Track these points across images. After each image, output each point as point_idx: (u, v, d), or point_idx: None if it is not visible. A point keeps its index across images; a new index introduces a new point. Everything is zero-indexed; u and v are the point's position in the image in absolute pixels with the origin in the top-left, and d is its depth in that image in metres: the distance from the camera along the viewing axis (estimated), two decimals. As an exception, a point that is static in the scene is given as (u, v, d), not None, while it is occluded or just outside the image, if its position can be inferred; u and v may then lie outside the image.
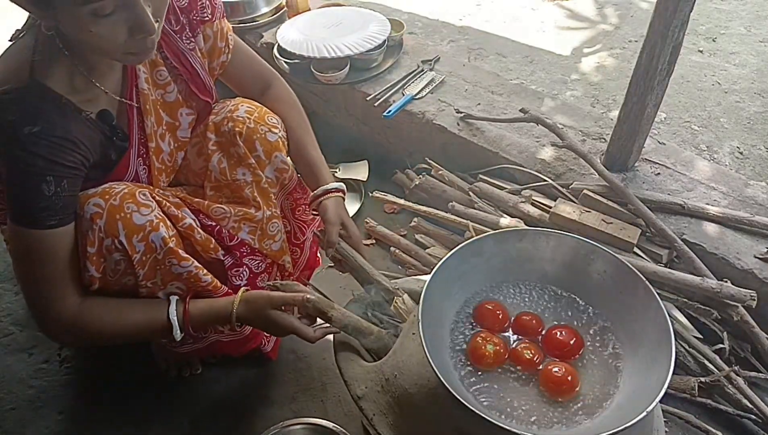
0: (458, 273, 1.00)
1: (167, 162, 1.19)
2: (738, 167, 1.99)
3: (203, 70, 1.18)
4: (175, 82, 1.16)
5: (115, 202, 0.99)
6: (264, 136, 1.20)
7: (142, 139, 1.12)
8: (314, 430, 1.27)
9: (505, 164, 1.65)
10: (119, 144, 1.07)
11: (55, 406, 1.43)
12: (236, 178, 1.20)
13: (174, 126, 1.19)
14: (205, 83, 1.20)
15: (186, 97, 1.19)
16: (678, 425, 1.26)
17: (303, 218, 1.37)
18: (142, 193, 1.03)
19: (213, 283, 1.13)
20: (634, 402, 0.82)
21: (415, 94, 1.85)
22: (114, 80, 1.06)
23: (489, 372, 0.93)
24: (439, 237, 1.69)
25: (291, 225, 1.35)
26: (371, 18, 2.01)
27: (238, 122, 1.19)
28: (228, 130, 1.19)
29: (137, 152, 1.11)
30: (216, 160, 1.21)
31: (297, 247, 1.39)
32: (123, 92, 1.08)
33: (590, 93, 2.37)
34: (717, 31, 2.70)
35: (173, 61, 1.13)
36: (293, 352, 1.51)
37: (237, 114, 1.20)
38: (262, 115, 1.23)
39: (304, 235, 1.39)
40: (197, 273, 1.09)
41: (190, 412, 1.39)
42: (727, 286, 1.29)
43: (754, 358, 1.33)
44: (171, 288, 1.11)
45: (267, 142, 1.21)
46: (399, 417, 0.95)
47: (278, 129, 1.24)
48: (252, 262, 1.25)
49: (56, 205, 0.93)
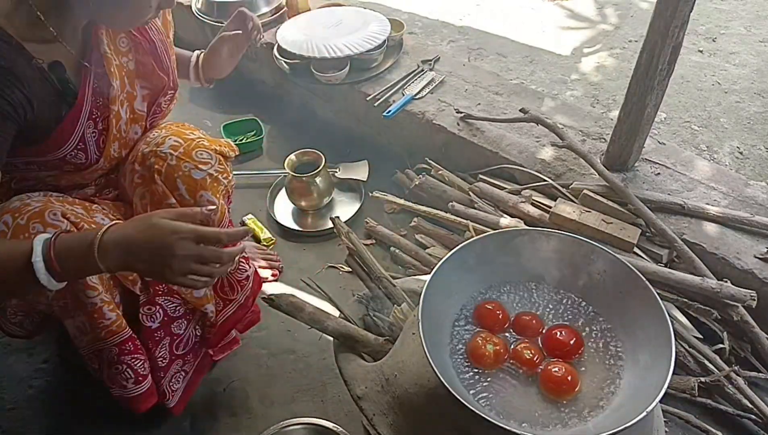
0: (458, 273, 1.00)
1: (123, 131, 1.16)
2: (738, 167, 1.99)
3: (161, 44, 1.18)
4: (134, 53, 1.16)
5: (22, 221, 0.97)
6: (188, 173, 1.13)
7: (98, 103, 1.09)
8: (314, 430, 1.28)
9: (505, 164, 1.65)
10: (70, 100, 1.04)
11: (55, 406, 1.43)
12: None
13: (132, 96, 1.17)
14: (161, 59, 1.18)
15: (143, 70, 1.18)
16: (678, 425, 1.26)
17: (236, 276, 1.29)
18: (52, 213, 0.99)
19: (117, 322, 1.08)
20: (634, 402, 0.82)
21: (415, 94, 1.85)
22: (76, 39, 1.05)
23: (489, 372, 0.92)
24: (439, 237, 1.69)
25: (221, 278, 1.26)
26: (371, 18, 2.01)
27: (159, 159, 1.14)
28: (150, 166, 1.14)
29: (88, 114, 1.07)
30: (138, 196, 1.17)
31: (222, 300, 1.30)
32: (83, 53, 1.07)
33: (590, 93, 2.37)
34: (717, 31, 2.70)
35: (133, 30, 1.13)
36: (293, 352, 1.51)
37: (161, 149, 1.15)
38: (188, 150, 1.15)
39: (234, 295, 1.30)
40: (102, 307, 1.05)
41: (190, 412, 1.39)
42: (727, 286, 1.29)
43: (754, 358, 1.33)
44: (77, 320, 1.07)
45: (191, 179, 1.14)
46: (399, 417, 0.95)
47: (208, 165, 1.16)
48: (168, 303, 1.20)
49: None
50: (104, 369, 1.17)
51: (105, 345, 1.11)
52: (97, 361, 1.16)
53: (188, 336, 1.28)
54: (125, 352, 1.14)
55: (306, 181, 1.80)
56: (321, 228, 1.84)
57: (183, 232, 0.87)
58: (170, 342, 1.24)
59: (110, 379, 1.17)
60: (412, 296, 1.16)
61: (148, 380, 1.20)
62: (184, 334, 1.27)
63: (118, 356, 1.13)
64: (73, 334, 1.11)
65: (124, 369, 1.15)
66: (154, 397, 1.23)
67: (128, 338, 1.13)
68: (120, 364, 1.14)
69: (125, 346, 1.13)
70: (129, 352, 1.14)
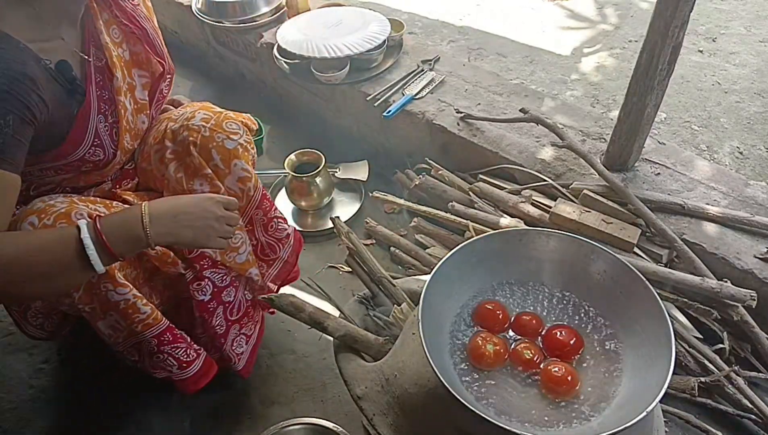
0: (458, 273, 1.00)
1: (131, 122, 1.17)
2: (738, 167, 1.99)
3: (153, 30, 1.18)
4: (126, 42, 1.16)
5: (48, 221, 0.97)
6: (221, 143, 1.17)
7: (104, 96, 1.10)
8: (314, 430, 1.28)
9: (505, 164, 1.65)
10: (79, 98, 1.05)
11: (55, 406, 1.43)
12: (193, 188, 1.17)
13: (132, 86, 1.17)
14: (154, 43, 1.19)
15: (139, 58, 1.19)
16: (678, 425, 1.26)
17: (276, 236, 1.33)
18: (78, 214, 0.99)
19: (153, 315, 1.09)
20: (634, 402, 0.82)
21: (415, 94, 1.85)
22: (74, 35, 1.05)
23: (489, 372, 0.92)
24: (439, 237, 1.69)
25: (259, 240, 1.30)
26: (371, 18, 2.01)
27: (193, 131, 1.17)
28: (183, 140, 1.17)
29: (97, 108, 1.08)
30: (173, 169, 1.19)
31: (265, 262, 1.34)
32: (82, 48, 1.07)
33: (590, 93, 2.37)
34: (717, 31, 2.70)
35: (122, 18, 1.13)
36: (293, 352, 1.51)
37: (192, 122, 1.18)
38: (219, 122, 1.19)
39: (276, 254, 1.34)
40: (135, 302, 1.05)
41: (190, 412, 1.39)
42: (727, 286, 1.29)
43: (754, 358, 1.33)
44: (110, 319, 1.07)
45: (225, 149, 1.18)
46: (399, 417, 0.95)
47: (237, 135, 1.20)
48: (214, 275, 1.21)
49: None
50: (145, 359, 1.17)
51: (143, 338, 1.11)
52: (136, 354, 1.17)
53: (239, 301, 1.30)
54: (164, 343, 1.14)
55: (306, 181, 1.80)
56: (321, 228, 1.84)
57: (216, 198, 1.04)
58: (223, 310, 1.26)
59: (152, 367, 1.18)
60: (412, 296, 1.16)
61: (196, 364, 1.21)
62: (234, 300, 1.28)
63: (157, 347, 1.14)
64: (107, 333, 1.10)
65: (166, 358, 1.16)
66: (205, 378, 1.24)
67: (166, 329, 1.13)
68: (161, 354, 1.15)
69: (163, 337, 1.14)
70: (168, 343, 1.15)
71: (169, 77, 1.25)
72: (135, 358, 1.18)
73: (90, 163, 1.12)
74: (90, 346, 1.52)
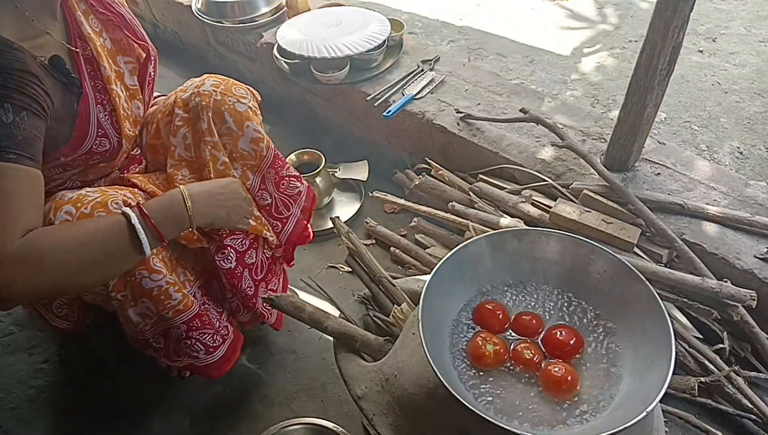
0: (458, 273, 1.00)
1: (126, 108, 1.18)
2: (738, 167, 1.99)
3: (129, 14, 1.20)
4: (105, 30, 1.17)
5: (86, 210, 0.98)
6: (233, 106, 1.21)
7: (97, 86, 1.11)
8: (314, 430, 1.28)
9: (505, 164, 1.65)
10: (76, 90, 1.06)
11: (55, 406, 1.43)
12: (200, 154, 1.21)
13: (120, 73, 1.19)
14: (134, 29, 1.20)
15: (120, 45, 1.20)
16: (678, 425, 1.26)
17: (288, 193, 1.36)
18: (114, 202, 1.01)
19: (184, 301, 1.12)
20: (634, 402, 0.82)
21: (415, 94, 1.85)
22: (58, 28, 1.06)
23: (489, 372, 0.92)
24: (439, 237, 1.69)
25: (273, 198, 1.34)
26: (371, 18, 2.01)
27: (205, 96, 1.20)
28: (195, 105, 1.20)
29: (95, 99, 1.10)
30: (181, 136, 1.22)
31: (278, 221, 1.36)
32: (68, 40, 1.08)
33: (590, 93, 2.37)
34: (717, 31, 2.70)
35: (98, 7, 1.14)
36: (293, 352, 1.51)
37: (203, 88, 1.21)
38: (228, 87, 1.24)
39: (289, 211, 1.38)
40: (168, 289, 1.08)
41: (190, 412, 1.40)
42: (727, 286, 1.29)
43: (754, 358, 1.33)
44: (141, 307, 1.09)
45: (237, 112, 1.22)
46: (399, 417, 0.95)
47: (247, 99, 1.25)
48: (234, 241, 1.25)
49: (15, 136, 0.87)
50: (170, 345, 1.20)
51: (172, 324, 1.13)
52: (162, 341, 1.19)
53: (261, 260, 1.34)
54: (193, 329, 1.17)
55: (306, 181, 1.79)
56: (321, 228, 1.84)
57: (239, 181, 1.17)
58: (249, 272, 1.30)
59: (177, 353, 1.21)
60: (412, 296, 1.16)
61: (221, 349, 1.25)
62: (256, 261, 1.32)
63: (186, 332, 1.16)
64: (136, 321, 1.11)
65: (194, 343, 1.19)
66: (228, 363, 1.28)
67: (195, 315, 1.16)
68: (189, 339, 1.18)
69: (193, 323, 1.16)
70: (197, 328, 1.17)
71: (153, 59, 1.26)
72: (160, 345, 1.20)
73: (97, 155, 1.13)
74: (90, 347, 1.53)
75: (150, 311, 1.10)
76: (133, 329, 1.14)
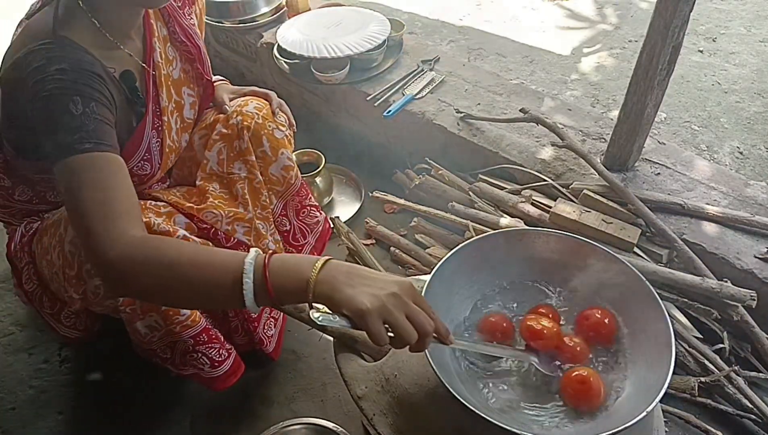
0: (458, 273, 0.99)
1: (174, 141, 1.19)
2: (738, 167, 1.99)
3: (204, 50, 1.21)
4: (179, 60, 1.17)
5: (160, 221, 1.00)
6: (272, 132, 1.24)
7: (156, 111, 1.12)
8: (314, 430, 1.28)
9: (505, 164, 1.65)
10: (139, 109, 1.06)
11: (55, 406, 1.43)
12: (232, 171, 1.22)
13: (180, 104, 1.19)
14: (205, 63, 1.22)
15: (188, 76, 1.20)
16: (678, 425, 1.26)
17: (306, 222, 1.38)
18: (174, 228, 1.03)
19: (192, 317, 1.11)
20: (634, 402, 0.82)
21: (415, 94, 1.85)
22: (135, 47, 1.07)
23: (489, 372, 0.92)
24: (439, 237, 1.69)
25: (292, 225, 1.36)
26: (371, 18, 2.01)
27: (247, 117, 1.22)
28: (236, 124, 1.22)
29: (152, 123, 1.10)
30: (216, 151, 1.23)
31: (294, 248, 1.39)
32: (144, 59, 1.09)
33: (590, 93, 2.37)
34: (717, 31, 2.70)
35: (181, 36, 1.14)
36: (293, 352, 1.51)
37: (246, 109, 1.24)
38: (269, 112, 1.27)
39: (305, 239, 1.40)
40: None
41: (190, 412, 1.39)
42: (727, 286, 1.29)
43: (754, 358, 1.33)
44: (149, 320, 1.08)
45: (274, 138, 1.25)
46: (399, 417, 0.95)
47: (284, 127, 1.29)
48: None
49: (87, 126, 0.86)
50: (176, 357, 1.19)
51: (179, 338, 1.13)
52: (169, 352, 1.18)
53: None
54: (200, 343, 1.16)
55: (306, 181, 1.79)
56: (321, 228, 1.84)
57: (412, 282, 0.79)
58: None
59: (183, 364, 1.19)
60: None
61: (227, 363, 1.23)
62: None
63: (193, 347, 1.16)
64: (143, 333, 1.11)
65: (200, 357, 1.18)
66: (233, 377, 1.26)
67: (203, 330, 1.15)
68: (195, 353, 1.17)
69: (200, 338, 1.15)
70: (204, 343, 1.17)
71: (211, 96, 1.29)
72: (166, 356, 1.19)
73: (135, 177, 1.08)
74: (90, 347, 1.53)
75: (158, 325, 1.10)
76: (140, 340, 1.13)
